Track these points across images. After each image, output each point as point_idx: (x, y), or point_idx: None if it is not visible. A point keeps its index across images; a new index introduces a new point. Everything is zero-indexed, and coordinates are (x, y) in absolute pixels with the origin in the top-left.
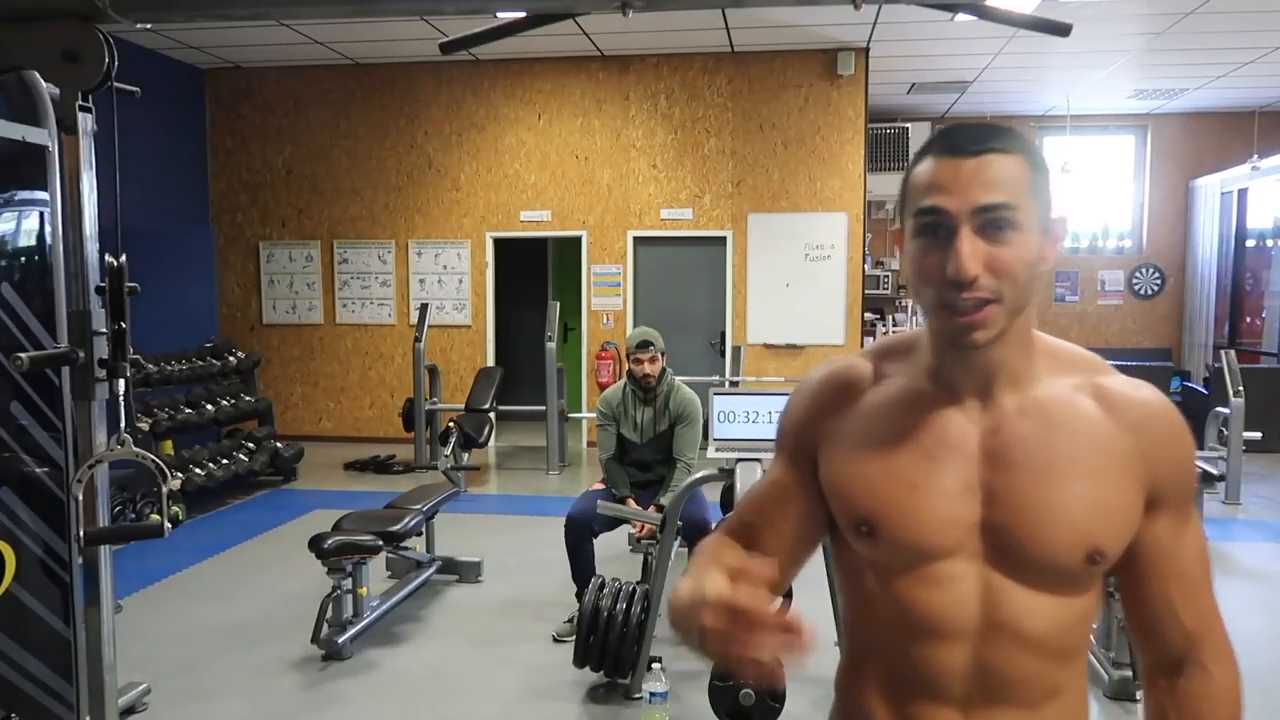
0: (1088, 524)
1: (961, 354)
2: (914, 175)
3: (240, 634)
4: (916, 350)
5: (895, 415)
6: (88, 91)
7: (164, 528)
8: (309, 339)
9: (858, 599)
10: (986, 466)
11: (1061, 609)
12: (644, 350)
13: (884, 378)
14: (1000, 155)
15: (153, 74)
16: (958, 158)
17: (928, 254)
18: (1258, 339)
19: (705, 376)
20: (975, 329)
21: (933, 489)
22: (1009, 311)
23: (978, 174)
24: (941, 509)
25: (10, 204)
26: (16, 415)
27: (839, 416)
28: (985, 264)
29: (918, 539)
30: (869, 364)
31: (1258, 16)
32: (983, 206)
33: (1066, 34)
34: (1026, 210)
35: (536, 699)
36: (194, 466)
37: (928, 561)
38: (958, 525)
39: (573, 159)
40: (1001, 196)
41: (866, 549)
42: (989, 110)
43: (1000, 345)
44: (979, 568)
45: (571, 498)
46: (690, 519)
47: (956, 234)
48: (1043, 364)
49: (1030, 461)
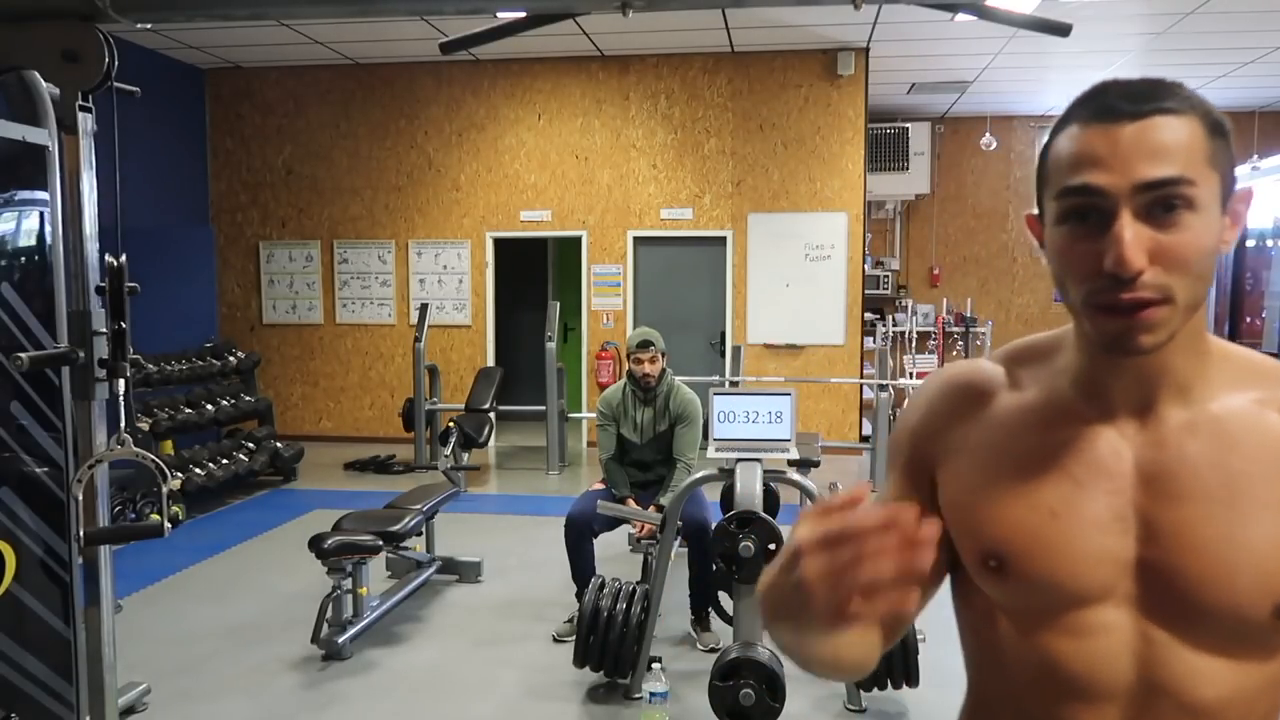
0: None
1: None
2: (1055, 147)
3: (240, 634)
4: (1058, 353)
5: (1032, 429)
6: (88, 91)
7: (164, 528)
8: (309, 339)
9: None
10: (1144, 494)
11: (1242, 675)
12: (644, 350)
13: (1019, 385)
14: (1169, 117)
15: (153, 74)
16: (1113, 122)
17: (1077, 243)
18: (1258, 339)
19: (705, 376)
20: (1139, 332)
21: (1077, 518)
22: (1182, 311)
23: (1140, 142)
24: (1088, 543)
25: (10, 204)
26: (16, 415)
27: (964, 428)
28: (1151, 254)
29: (1057, 578)
30: (1000, 368)
31: (1258, 16)
32: (1148, 183)
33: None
34: (1204, 185)
35: (536, 699)
36: (194, 466)
37: (1069, 607)
38: (1108, 563)
39: (573, 159)
40: (1172, 169)
41: (995, 588)
42: (989, 110)
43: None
44: (1134, 617)
45: (571, 498)
46: (690, 519)
47: (1115, 218)
48: (1219, 372)
49: (1202, 489)
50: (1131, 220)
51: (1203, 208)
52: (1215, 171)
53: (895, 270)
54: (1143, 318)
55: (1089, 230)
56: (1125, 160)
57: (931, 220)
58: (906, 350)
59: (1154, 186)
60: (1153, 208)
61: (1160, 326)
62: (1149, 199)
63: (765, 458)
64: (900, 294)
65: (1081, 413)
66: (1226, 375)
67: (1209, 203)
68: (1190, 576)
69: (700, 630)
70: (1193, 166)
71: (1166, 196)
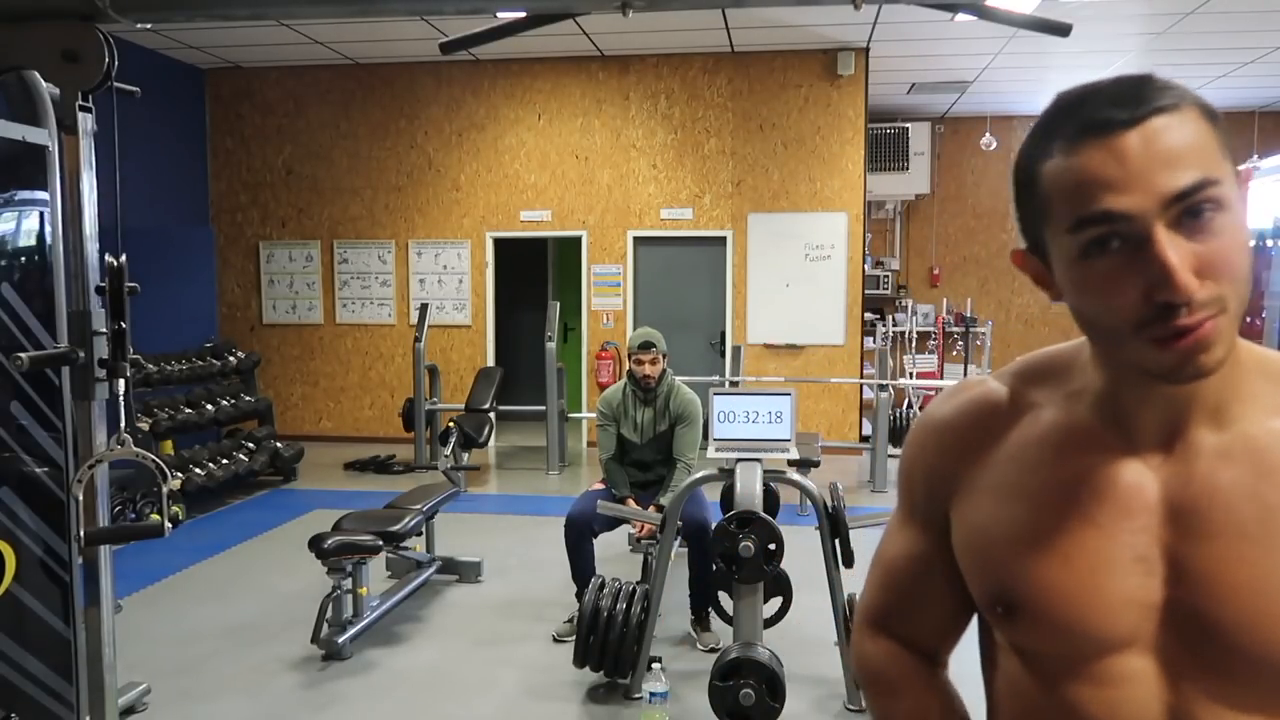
0: None
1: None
2: (1047, 173)
3: (240, 634)
4: (1072, 371)
5: (1044, 460)
6: (88, 91)
7: (164, 528)
8: (309, 339)
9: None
10: (1172, 531)
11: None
12: (645, 351)
13: (1030, 408)
14: (1168, 115)
15: (153, 74)
16: (1111, 134)
17: (1110, 276)
18: (1258, 339)
19: (705, 376)
20: (1199, 354)
21: (1094, 560)
22: (1234, 320)
23: (1150, 150)
24: (1106, 587)
25: (10, 204)
26: (16, 415)
27: (976, 466)
28: (1196, 269)
29: (1071, 626)
30: (1007, 389)
31: (1258, 16)
32: (1177, 194)
33: (1066, 34)
34: (1226, 180)
35: (536, 699)
36: (194, 466)
37: (1089, 655)
38: (1131, 609)
39: (573, 159)
40: (1195, 173)
41: (1007, 633)
42: (989, 110)
43: None
44: (1162, 667)
45: (571, 498)
46: (690, 519)
47: (1150, 241)
48: (1255, 385)
49: (1236, 525)
50: (1170, 238)
51: (1230, 205)
52: (1229, 161)
53: (895, 270)
54: (1201, 337)
55: (1122, 259)
56: (1141, 175)
57: (931, 220)
58: (906, 350)
59: (1183, 196)
60: (1183, 219)
61: (1219, 342)
62: (1179, 210)
63: (765, 458)
64: (900, 294)
65: (1101, 441)
66: (1262, 388)
67: (1234, 198)
68: (1224, 622)
69: (700, 630)
70: (1211, 164)
71: (1197, 203)
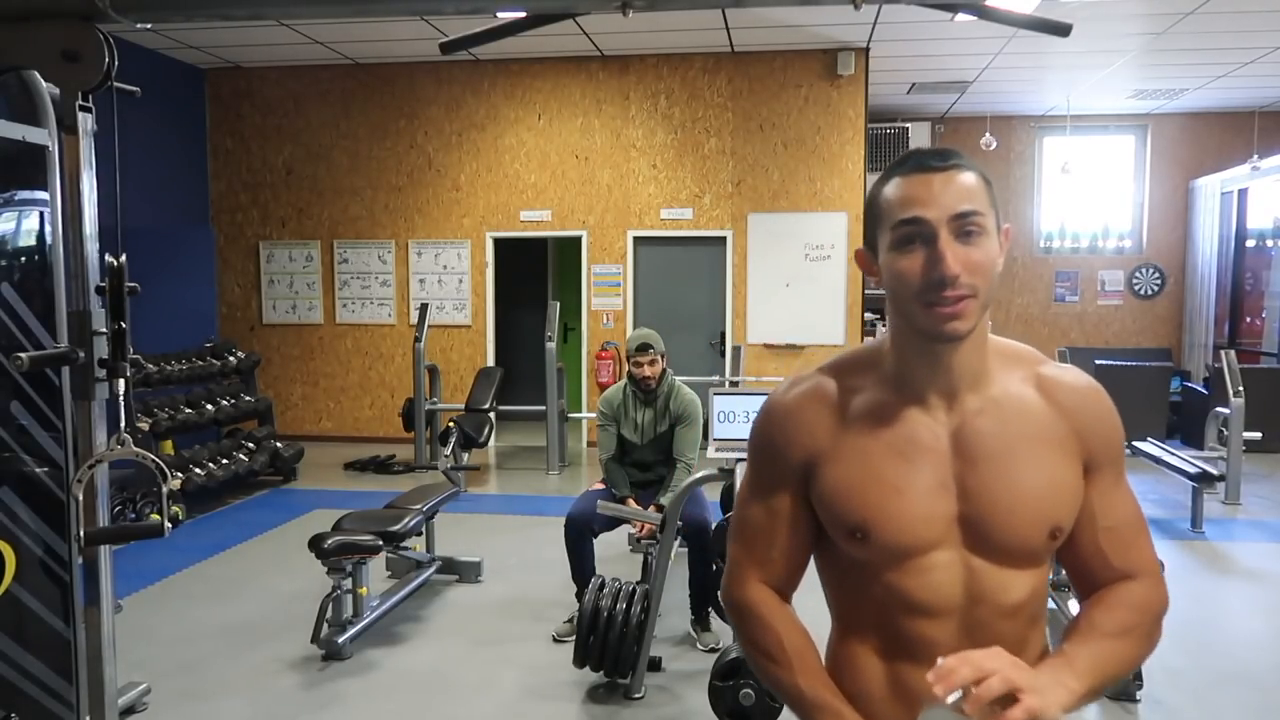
0: (1048, 506)
1: (932, 356)
2: (885, 195)
3: (240, 634)
4: (877, 363)
5: (872, 426)
6: (88, 91)
7: (164, 527)
8: (309, 339)
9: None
10: (958, 463)
11: (1030, 579)
12: (644, 353)
13: (853, 392)
14: (963, 171)
15: (153, 74)
16: (928, 173)
17: (910, 261)
18: (1258, 339)
19: (705, 376)
20: (955, 319)
21: (914, 491)
22: (981, 306)
23: (949, 186)
24: (924, 508)
25: (10, 204)
26: (16, 415)
27: (824, 438)
28: (962, 264)
29: (905, 539)
30: (832, 380)
31: (1258, 16)
32: (959, 214)
33: (1066, 34)
34: (989, 217)
35: (536, 699)
36: (194, 466)
37: (915, 555)
38: (939, 521)
39: (573, 159)
40: (972, 205)
41: (858, 551)
42: (989, 110)
43: (964, 347)
44: (960, 554)
45: (571, 498)
46: (690, 519)
47: (937, 239)
48: (995, 363)
49: (992, 455)
50: (950, 240)
51: (989, 233)
52: (993, 209)
53: None
54: (959, 309)
55: (918, 250)
56: (939, 198)
57: None
58: None
59: (962, 216)
60: (960, 233)
61: (970, 316)
62: (958, 225)
63: None
64: None
65: (904, 406)
66: (1000, 364)
67: (992, 230)
68: (993, 523)
69: (700, 630)
70: (982, 204)
71: (970, 224)
